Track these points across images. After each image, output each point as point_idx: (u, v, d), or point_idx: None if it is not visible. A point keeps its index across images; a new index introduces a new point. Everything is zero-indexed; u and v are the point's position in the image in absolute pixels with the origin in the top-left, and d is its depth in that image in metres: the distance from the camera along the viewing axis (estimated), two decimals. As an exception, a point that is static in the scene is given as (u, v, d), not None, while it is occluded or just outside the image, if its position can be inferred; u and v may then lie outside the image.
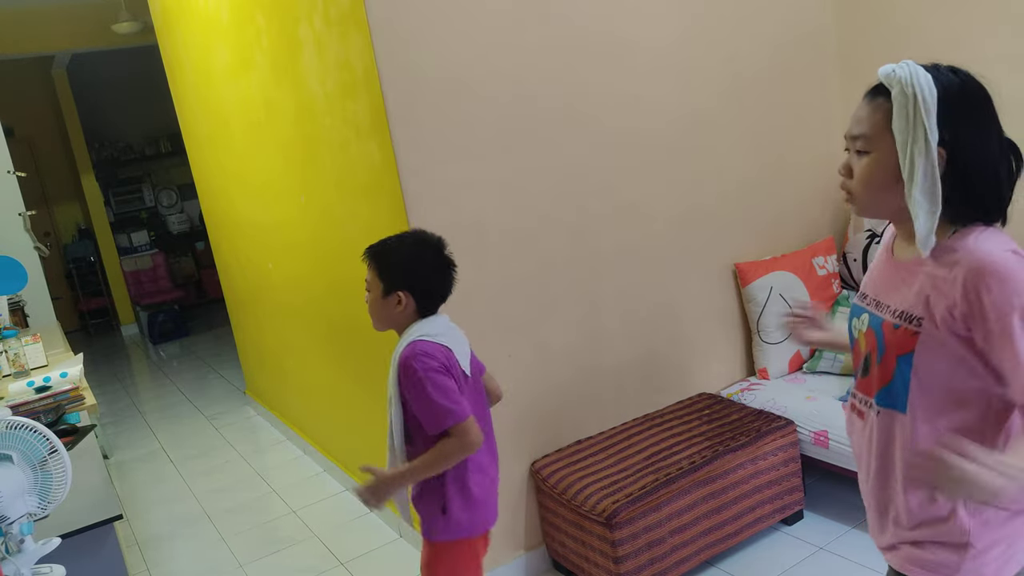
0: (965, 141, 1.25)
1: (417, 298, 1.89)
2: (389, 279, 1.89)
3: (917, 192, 1.25)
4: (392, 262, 1.90)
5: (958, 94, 1.25)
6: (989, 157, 1.26)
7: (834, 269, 3.40)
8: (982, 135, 1.26)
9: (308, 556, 3.35)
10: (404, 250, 1.92)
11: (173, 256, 9.39)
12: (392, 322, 1.93)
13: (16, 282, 3.83)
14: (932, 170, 1.24)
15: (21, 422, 1.63)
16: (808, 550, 2.81)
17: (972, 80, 1.28)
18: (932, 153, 1.23)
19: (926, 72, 1.25)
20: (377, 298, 1.91)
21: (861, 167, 1.33)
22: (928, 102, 1.23)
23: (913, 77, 1.24)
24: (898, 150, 1.26)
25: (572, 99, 2.84)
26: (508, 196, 2.75)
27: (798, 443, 2.91)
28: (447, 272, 1.93)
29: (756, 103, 3.30)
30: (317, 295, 3.65)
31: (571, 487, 2.69)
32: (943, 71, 1.27)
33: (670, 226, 3.13)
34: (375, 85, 2.53)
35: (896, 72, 1.26)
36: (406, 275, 1.88)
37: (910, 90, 1.24)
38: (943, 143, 1.24)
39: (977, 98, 1.27)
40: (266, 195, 3.97)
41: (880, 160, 1.30)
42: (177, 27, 4.73)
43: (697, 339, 3.26)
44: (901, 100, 1.25)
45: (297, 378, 4.35)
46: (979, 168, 1.26)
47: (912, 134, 1.24)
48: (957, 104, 1.25)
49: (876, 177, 1.31)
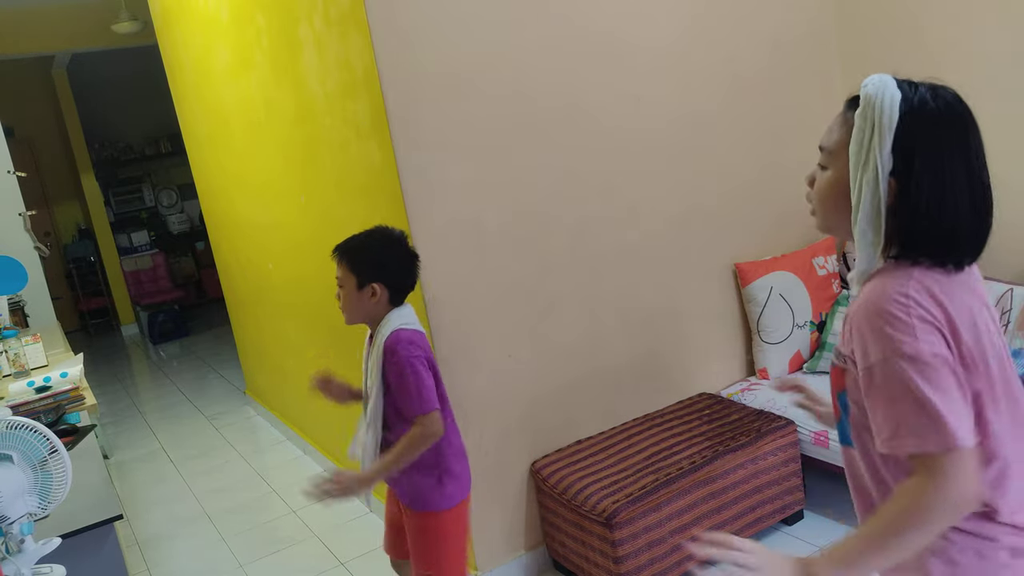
0: (921, 173, 1.15)
1: (389, 289, 2.03)
2: (363, 273, 2.02)
3: (862, 220, 1.18)
4: (364, 257, 2.03)
5: (925, 120, 1.15)
6: (948, 192, 1.15)
7: (834, 269, 3.40)
8: (943, 168, 1.15)
9: (308, 556, 3.35)
10: (374, 245, 2.06)
11: (173, 256, 9.39)
12: (366, 314, 2.06)
13: (16, 282, 3.83)
14: (877, 200, 1.16)
15: (21, 422, 1.63)
16: (808, 550, 2.81)
17: (952, 106, 1.18)
18: (880, 182, 1.15)
19: (896, 91, 1.16)
20: (352, 291, 2.03)
21: (819, 182, 1.29)
22: (885, 129, 1.15)
23: (877, 98, 1.16)
24: (849, 173, 1.20)
25: (572, 99, 2.84)
26: (508, 196, 2.75)
27: (798, 443, 2.91)
28: (413, 264, 2.08)
29: (756, 103, 3.30)
30: (317, 295, 3.65)
31: (571, 487, 2.69)
32: (920, 92, 1.17)
33: (670, 226, 3.13)
34: (375, 85, 2.53)
35: (866, 88, 1.18)
36: (378, 268, 2.02)
37: (870, 111, 1.16)
38: (895, 172, 1.15)
39: (947, 127, 1.16)
40: (266, 195, 3.97)
41: (834, 179, 1.24)
42: (177, 27, 4.73)
43: (697, 339, 3.26)
44: (860, 122, 1.18)
45: (297, 378, 4.34)
46: (932, 203, 1.15)
47: (864, 159, 1.17)
48: (920, 131, 1.15)
49: (829, 195, 1.26)
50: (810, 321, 3.31)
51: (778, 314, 3.26)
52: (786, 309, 3.26)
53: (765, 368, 3.29)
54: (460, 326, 2.69)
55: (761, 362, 3.31)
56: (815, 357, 3.29)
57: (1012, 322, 2.73)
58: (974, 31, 3.00)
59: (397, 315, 2.05)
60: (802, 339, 3.30)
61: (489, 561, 2.84)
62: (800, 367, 3.33)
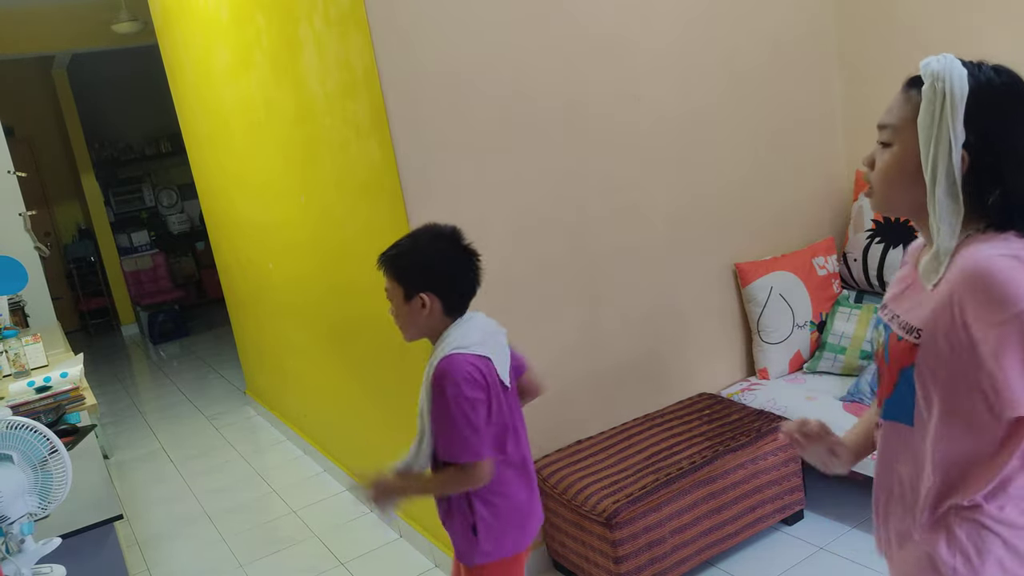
0: (993, 144, 1.19)
1: (442, 298, 1.76)
2: (408, 282, 1.75)
3: (940, 193, 1.20)
4: (407, 263, 1.76)
5: (993, 94, 1.19)
6: (1020, 160, 1.20)
7: (834, 269, 3.40)
8: (1013, 137, 1.20)
9: (308, 556, 3.35)
10: (418, 248, 1.78)
11: (173, 256, 9.39)
12: (421, 328, 1.79)
13: (16, 282, 3.83)
14: (952, 172, 1.19)
15: (21, 422, 1.63)
16: (808, 550, 2.80)
17: (1015, 82, 1.22)
18: (955, 155, 1.18)
19: (963, 68, 1.20)
20: (400, 305, 1.77)
21: (882, 160, 1.28)
22: (957, 101, 1.18)
23: (946, 72, 1.19)
24: (920, 148, 1.21)
25: (572, 99, 2.84)
26: (508, 196, 2.75)
27: (798, 443, 2.91)
28: (469, 263, 1.78)
29: (756, 103, 3.30)
30: (317, 295, 3.65)
31: (571, 487, 2.69)
32: (984, 69, 1.21)
33: (670, 226, 3.13)
34: (375, 85, 2.53)
35: (932, 65, 1.21)
36: (425, 274, 1.75)
37: (940, 85, 1.19)
38: (967, 145, 1.18)
39: (1015, 101, 1.21)
40: (266, 195, 3.97)
41: (900, 154, 1.25)
42: (177, 27, 4.73)
43: (697, 339, 3.26)
44: (929, 96, 1.20)
45: (297, 378, 4.35)
46: (1005, 174, 1.19)
47: (936, 133, 1.19)
48: (989, 105, 1.19)
49: (894, 172, 1.27)
50: (810, 321, 3.31)
51: (778, 314, 3.26)
52: (786, 309, 3.27)
53: (765, 368, 3.29)
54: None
55: (761, 362, 3.31)
56: (815, 357, 3.29)
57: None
58: (973, 31, 3.00)
59: (456, 332, 1.76)
60: (802, 339, 3.30)
61: (489, 561, 2.84)
62: (800, 367, 3.33)
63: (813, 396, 3.04)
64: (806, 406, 2.97)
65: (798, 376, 3.28)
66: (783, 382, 3.23)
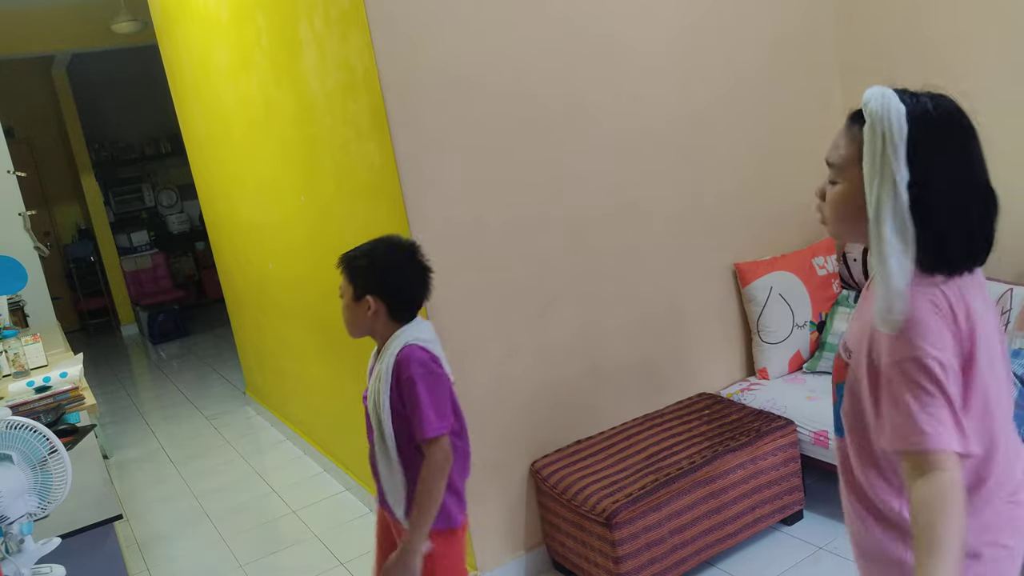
0: (933, 182, 1.19)
1: (388, 303, 1.88)
2: (358, 284, 1.88)
3: (888, 233, 1.19)
4: (361, 266, 1.89)
5: (930, 129, 1.19)
6: (961, 197, 1.20)
7: (834, 269, 3.40)
8: (952, 173, 1.20)
9: (308, 556, 3.35)
10: (374, 255, 1.90)
11: (173, 256, 9.40)
12: (366, 328, 1.93)
13: (16, 282, 3.83)
14: (900, 210, 1.18)
15: (21, 422, 1.63)
16: (808, 550, 2.81)
17: (952, 113, 1.22)
18: (901, 195, 1.17)
19: (900, 104, 1.19)
20: (348, 303, 1.91)
21: (831, 195, 1.31)
22: (897, 141, 1.17)
23: (884, 111, 1.18)
24: (865, 188, 1.22)
25: (572, 99, 2.84)
26: (508, 196, 2.75)
27: (798, 443, 2.91)
28: (420, 277, 1.91)
29: (756, 103, 3.30)
30: (317, 295, 3.65)
31: (571, 487, 2.69)
32: (921, 102, 1.21)
33: (670, 226, 3.13)
34: (375, 85, 2.53)
35: (870, 104, 1.20)
36: (375, 280, 1.87)
37: (879, 127, 1.18)
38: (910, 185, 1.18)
39: (952, 135, 1.21)
40: (266, 195, 3.97)
41: (847, 192, 1.28)
42: (177, 27, 4.73)
43: (697, 339, 3.26)
44: (870, 137, 1.20)
45: (297, 378, 4.35)
46: (945, 211, 1.20)
47: (880, 174, 1.19)
48: (927, 140, 1.19)
49: (842, 209, 1.29)
50: (810, 321, 3.31)
51: (778, 314, 3.26)
52: (786, 309, 3.27)
53: (765, 368, 3.29)
54: (460, 326, 2.69)
55: (761, 362, 3.31)
56: (815, 357, 3.29)
57: (1012, 322, 2.73)
58: (973, 31, 3.00)
59: (409, 330, 1.89)
60: (802, 339, 3.30)
61: (489, 561, 2.84)
62: (800, 367, 3.33)
63: (813, 396, 3.04)
64: (806, 406, 2.97)
65: (798, 376, 3.28)
66: (783, 382, 3.23)
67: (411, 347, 1.86)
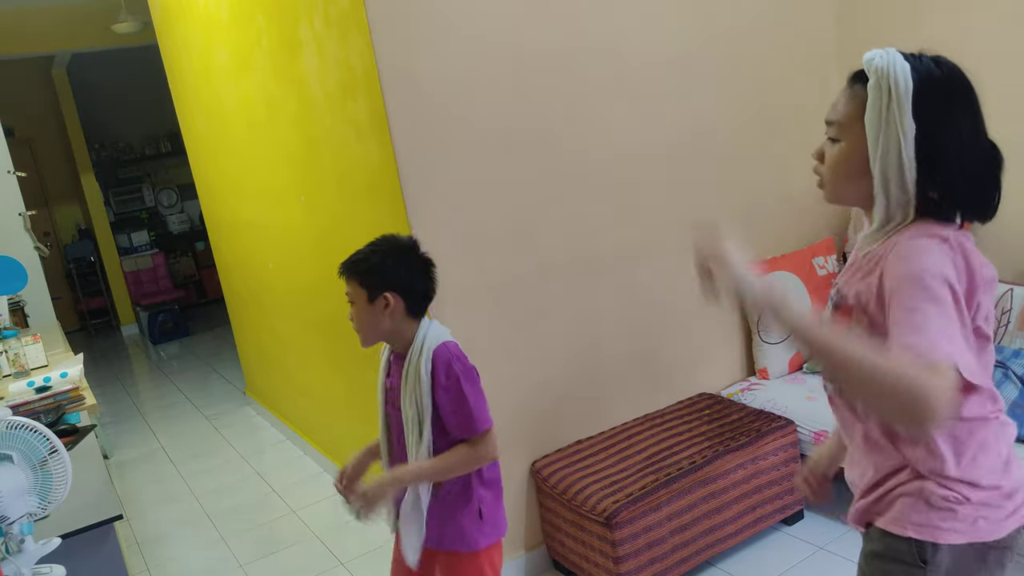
0: (938, 136, 1.21)
1: (404, 297, 1.85)
2: (371, 284, 1.84)
3: (893, 185, 1.23)
4: (370, 267, 1.86)
5: (935, 87, 1.21)
6: (966, 149, 1.22)
7: (834, 269, 3.40)
8: (958, 127, 1.22)
9: (308, 556, 3.35)
10: (380, 254, 1.88)
11: (173, 256, 9.40)
12: (383, 330, 1.87)
13: (16, 282, 3.83)
14: (901, 164, 1.21)
15: (21, 422, 1.63)
16: (808, 550, 2.81)
17: (954, 72, 1.24)
18: (906, 149, 1.20)
19: (905, 62, 1.22)
20: (364, 307, 1.85)
21: (831, 155, 1.32)
22: (903, 96, 1.20)
23: (890, 68, 1.21)
24: (869, 144, 1.24)
25: (572, 99, 2.84)
26: (508, 196, 2.75)
27: (798, 443, 2.91)
28: (426, 270, 1.90)
29: (756, 103, 3.30)
30: (317, 295, 3.65)
31: (571, 487, 2.69)
32: (924, 61, 1.23)
33: (670, 226, 3.13)
34: (375, 85, 2.53)
35: (875, 61, 1.23)
36: (388, 277, 1.85)
37: (885, 82, 1.21)
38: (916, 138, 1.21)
39: (956, 92, 1.23)
40: (266, 195, 3.97)
41: (848, 150, 1.29)
42: (177, 27, 4.73)
43: (697, 339, 3.26)
44: (875, 92, 1.22)
45: (297, 378, 4.35)
46: (952, 163, 1.21)
47: (885, 129, 1.22)
48: (933, 97, 1.21)
49: (843, 167, 1.30)
50: (810, 321, 3.30)
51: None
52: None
53: (765, 368, 3.29)
54: (460, 326, 2.68)
55: (761, 362, 3.31)
56: (815, 357, 3.28)
57: (1012, 322, 2.73)
58: (974, 31, 3.00)
59: (432, 331, 1.86)
60: (802, 339, 3.29)
61: (489, 561, 2.84)
62: (800, 367, 3.33)
63: (813, 396, 3.04)
64: (806, 406, 2.97)
65: (798, 376, 3.28)
66: (783, 382, 3.23)
67: (445, 344, 1.85)
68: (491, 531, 1.91)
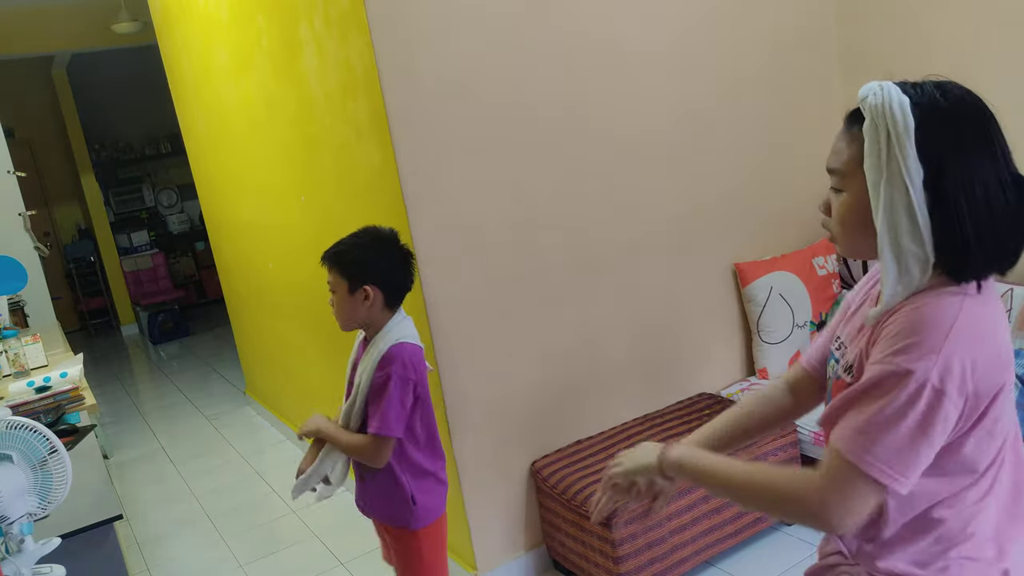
0: (949, 178, 1.05)
1: (383, 290, 1.95)
2: (353, 275, 1.94)
3: (903, 237, 1.07)
4: (353, 259, 1.95)
5: (942, 120, 1.06)
6: (983, 192, 1.05)
7: (834, 269, 3.40)
8: (972, 168, 1.05)
9: (308, 556, 3.35)
10: (362, 245, 1.97)
11: (173, 256, 9.40)
12: (361, 319, 1.98)
13: (16, 282, 3.83)
14: (912, 212, 1.06)
15: (21, 422, 1.63)
16: (808, 550, 2.81)
17: (964, 100, 1.09)
18: (915, 194, 1.05)
19: (903, 95, 1.07)
20: (344, 296, 1.96)
21: (836, 207, 1.18)
22: (902, 135, 1.05)
23: (885, 106, 1.07)
24: (869, 193, 1.09)
25: (572, 99, 2.84)
26: (508, 196, 2.75)
27: (798, 443, 2.91)
28: (407, 263, 1.99)
29: (756, 103, 3.30)
30: (317, 295, 3.64)
31: (571, 487, 2.69)
32: (927, 91, 1.09)
33: (670, 226, 3.13)
34: (375, 85, 2.53)
35: (869, 99, 1.09)
36: (368, 269, 1.94)
37: (882, 121, 1.07)
38: (924, 183, 1.06)
39: (967, 123, 1.07)
40: (266, 195, 3.97)
41: (853, 201, 1.14)
42: (177, 27, 4.73)
43: (697, 339, 3.26)
44: (872, 134, 1.08)
45: (297, 378, 4.35)
46: (968, 209, 1.05)
47: (887, 175, 1.07)
48: (940, 133, 1.06)
49: (851, 219, 1.15)
50: (810, 321, 3.31)
51: (778, 314, 3.26)
52: (786, 309, 3.27)
53: (765, 368, 3.29)
54: (460, 326, 2.69)
55: (761, 362, 3.31)
56: (815, 357, 3.28)
57: (1012, 322, 2.73)
58: (975, 31, 3.00)
59: (399, 327, 1.97)
60: (802, 339, 3.30)
61: (489, 561, 2.84)
62: (800, 367, 3.33)
63: (813, 396, 3.03)
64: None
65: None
66: (783, 382, 3.23)
67: (403, 344, 1.95)
68: (424, 515, 2.04)
